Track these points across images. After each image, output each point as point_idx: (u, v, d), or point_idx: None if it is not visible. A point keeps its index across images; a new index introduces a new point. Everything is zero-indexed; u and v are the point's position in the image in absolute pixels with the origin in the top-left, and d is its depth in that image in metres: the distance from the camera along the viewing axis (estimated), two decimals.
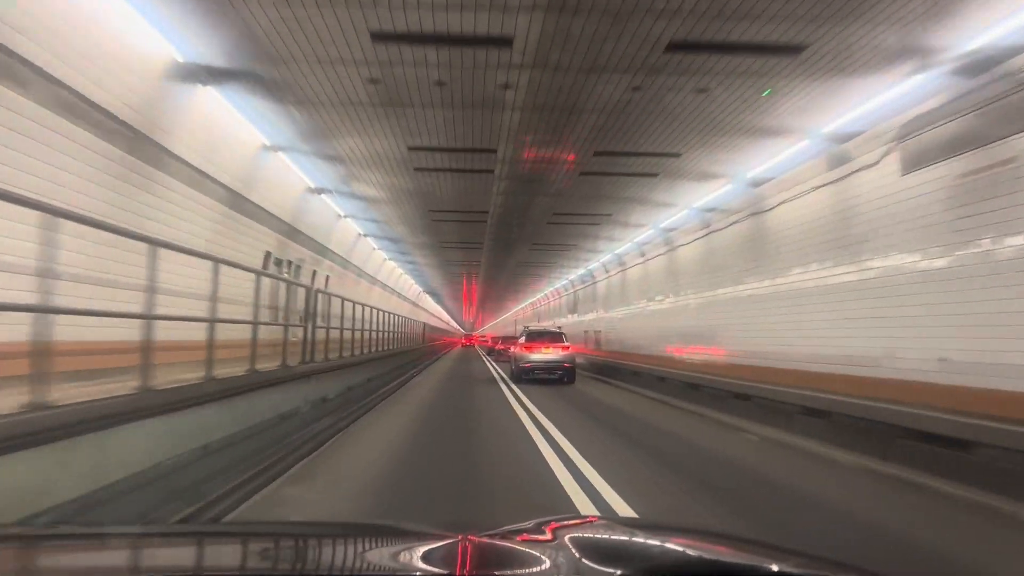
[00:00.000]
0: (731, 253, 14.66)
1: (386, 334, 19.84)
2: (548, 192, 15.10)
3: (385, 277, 28.58)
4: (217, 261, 6.85)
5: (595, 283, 28.87)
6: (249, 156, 10.83)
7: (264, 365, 9.24)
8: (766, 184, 12.63)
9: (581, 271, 30.04)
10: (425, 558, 1.41)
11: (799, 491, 7.03)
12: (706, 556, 1.53)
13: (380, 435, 10.30)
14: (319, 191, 14.51)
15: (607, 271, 26.06)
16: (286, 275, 13.95)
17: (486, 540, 1.57)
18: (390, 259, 27.24)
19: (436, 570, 1.39)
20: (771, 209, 12.67)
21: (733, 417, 12.48)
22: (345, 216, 17.63)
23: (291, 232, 14.06)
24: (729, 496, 6.66)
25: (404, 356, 23.81)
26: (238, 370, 7.98)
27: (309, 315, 11.25)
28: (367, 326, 16.07)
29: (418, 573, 1.37)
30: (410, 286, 37.68)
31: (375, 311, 17.56)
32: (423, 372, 25.10)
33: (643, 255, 21.06)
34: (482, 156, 12.23)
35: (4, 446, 3.24)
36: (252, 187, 11.18)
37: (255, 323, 8.30)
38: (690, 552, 1.56)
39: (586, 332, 29.61)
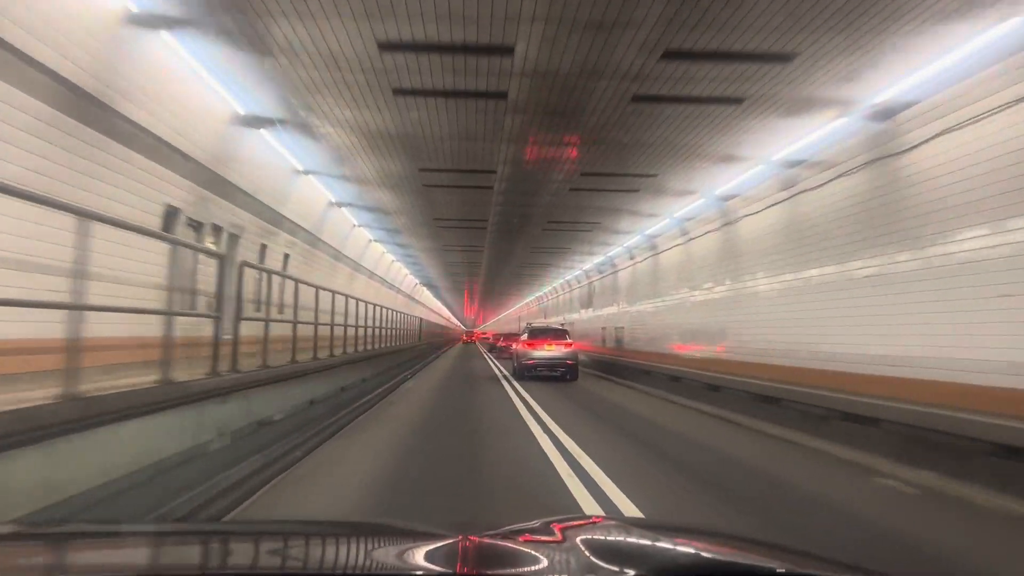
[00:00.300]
0: (834, 220, 10.61)
1: (374, 330, 16.43)
2: (579, 133, 11.02)
3: (373, 264, 24.49)
4: None
5: (616, 272, 24.82)
6: (104, 33, 6.55)
7: (123, 380, 5.39)
8: (908, 111, 8.57)
9: (599, 259, 25.88)
10: (423, 557, 1.39)
11: None
12: (716, 556, 1.48)
13: (342, 477, 6.53)
14: (256, 123, 10.23)
15: (632, 256, 22.07)
16: (212, 246, 9.87)
17: (485, 540, 1.53)
18: (376, 240, 23.10)
19: (433, 570, 1.36)
20: (916, 147, 8.59)
21: (848, 449, 8.56)
22: (306, 172, 13.45)
23: (217, 184, 9.87)
24: None
25: (396, 356, 20.26)
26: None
27: (227, 301, 7.23)
28: (342, 320, 12.12)
29: (419, 572, 1.34)
30: (404, 277, 33.67)
31: (352, 301, 13.52)
32: (418, 374, 21.20)
33: (685, 233, 17.06)
34: (491, 63, 8.18)
35: None
36: (123, 93, 6.92)
37: (73, 307, 4.26)
38: (701, 552, 1.52)
39: (604, 328, 25.68)
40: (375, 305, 16.83)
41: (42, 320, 4.75)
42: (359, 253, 21.19)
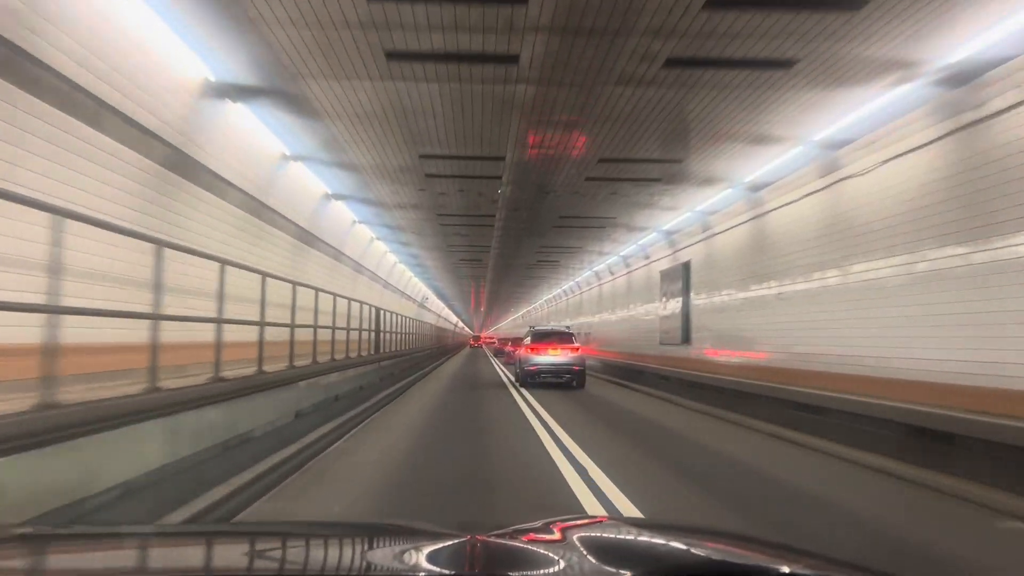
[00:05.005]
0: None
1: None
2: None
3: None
4: None
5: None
6: None
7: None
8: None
9: (652, 235, 19.43)
10: (433, 558, 1.40)
11: None
12: (717, 556, 1.48)
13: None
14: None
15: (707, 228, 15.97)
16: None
17: (493, 540, 1.53)
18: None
19: (443, 570, 1.37)
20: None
21: None
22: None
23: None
24: None
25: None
26: None
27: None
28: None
29: (423, 573, 1.35)
30: (392, 264, 29.72)
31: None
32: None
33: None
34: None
35: None
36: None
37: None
38: (701, 552, 1.51)
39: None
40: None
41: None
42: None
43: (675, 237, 18.25)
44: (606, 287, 28.18)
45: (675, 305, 18.04)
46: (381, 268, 24.47)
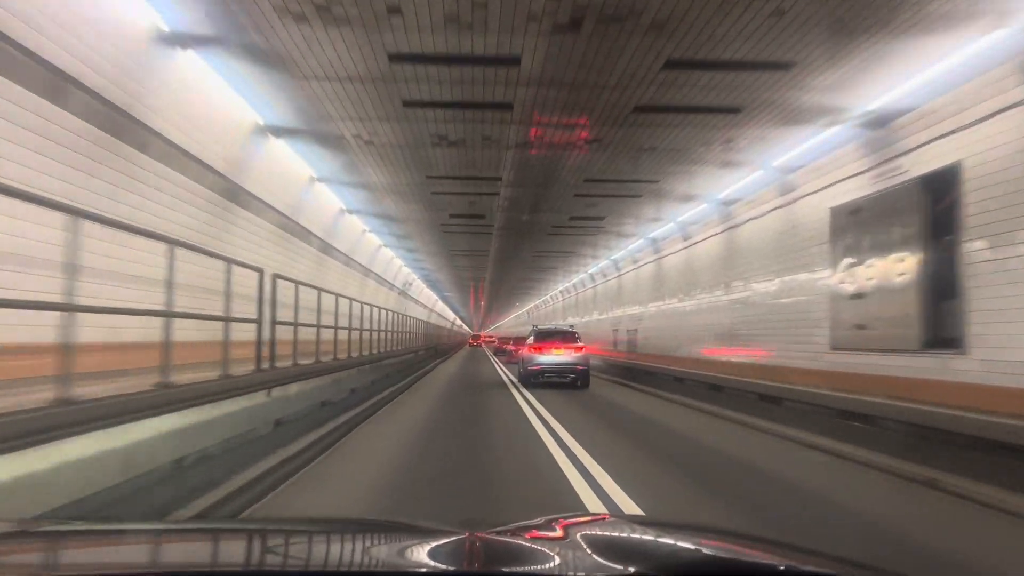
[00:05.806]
0: None
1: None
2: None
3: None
4: None
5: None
6: None
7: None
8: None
9: (826, 133, 10.32)
10: (432, 554, 1.39)
11: None
12: (720, 554, 1.45)
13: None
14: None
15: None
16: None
17: (494, 537, 1.53)
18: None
19: (445, 567, 1.36)
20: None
21: None
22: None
23: None
24: None
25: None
26: None
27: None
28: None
29: (424, 569, 1.34)
30: (336, 212, 18.20)
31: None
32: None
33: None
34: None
35: None
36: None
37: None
38: (704, 550, 1.49)
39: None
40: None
41: None
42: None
43: (898, 124, 8.84)
44: (674, 259, 18.98)
45: (887, 270, 9.11)
46: (315, 221, 15.25)
